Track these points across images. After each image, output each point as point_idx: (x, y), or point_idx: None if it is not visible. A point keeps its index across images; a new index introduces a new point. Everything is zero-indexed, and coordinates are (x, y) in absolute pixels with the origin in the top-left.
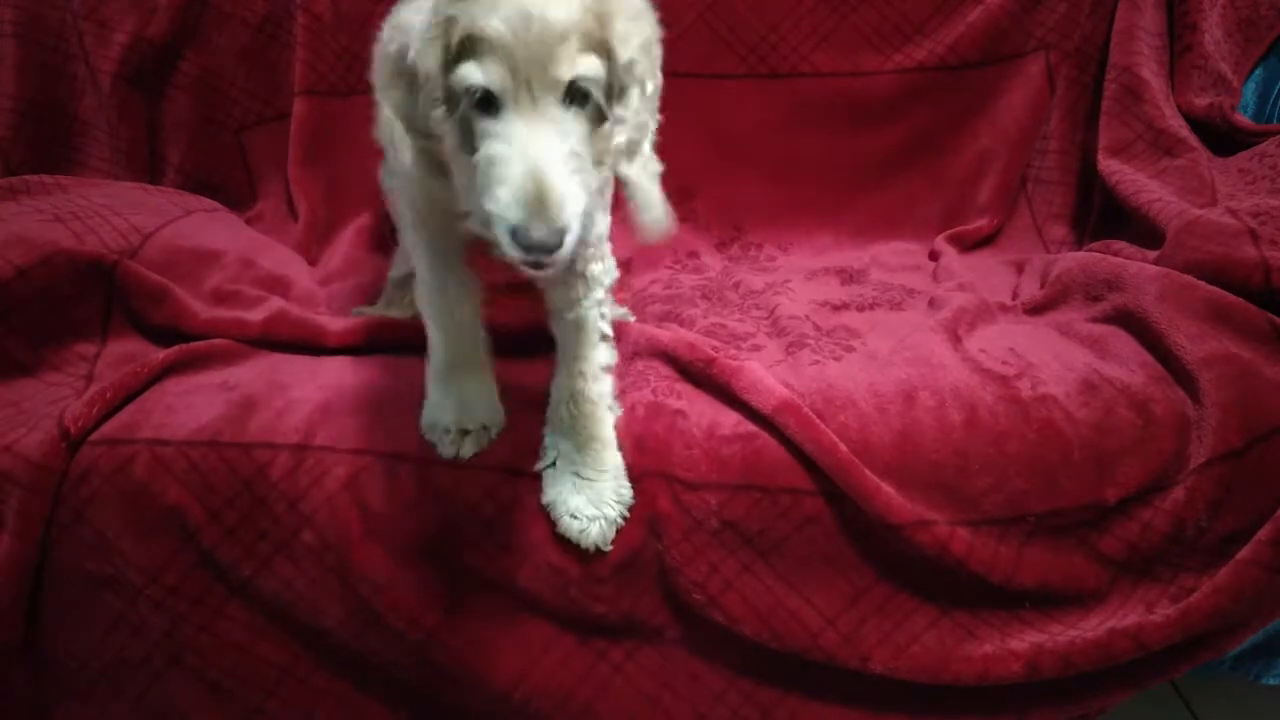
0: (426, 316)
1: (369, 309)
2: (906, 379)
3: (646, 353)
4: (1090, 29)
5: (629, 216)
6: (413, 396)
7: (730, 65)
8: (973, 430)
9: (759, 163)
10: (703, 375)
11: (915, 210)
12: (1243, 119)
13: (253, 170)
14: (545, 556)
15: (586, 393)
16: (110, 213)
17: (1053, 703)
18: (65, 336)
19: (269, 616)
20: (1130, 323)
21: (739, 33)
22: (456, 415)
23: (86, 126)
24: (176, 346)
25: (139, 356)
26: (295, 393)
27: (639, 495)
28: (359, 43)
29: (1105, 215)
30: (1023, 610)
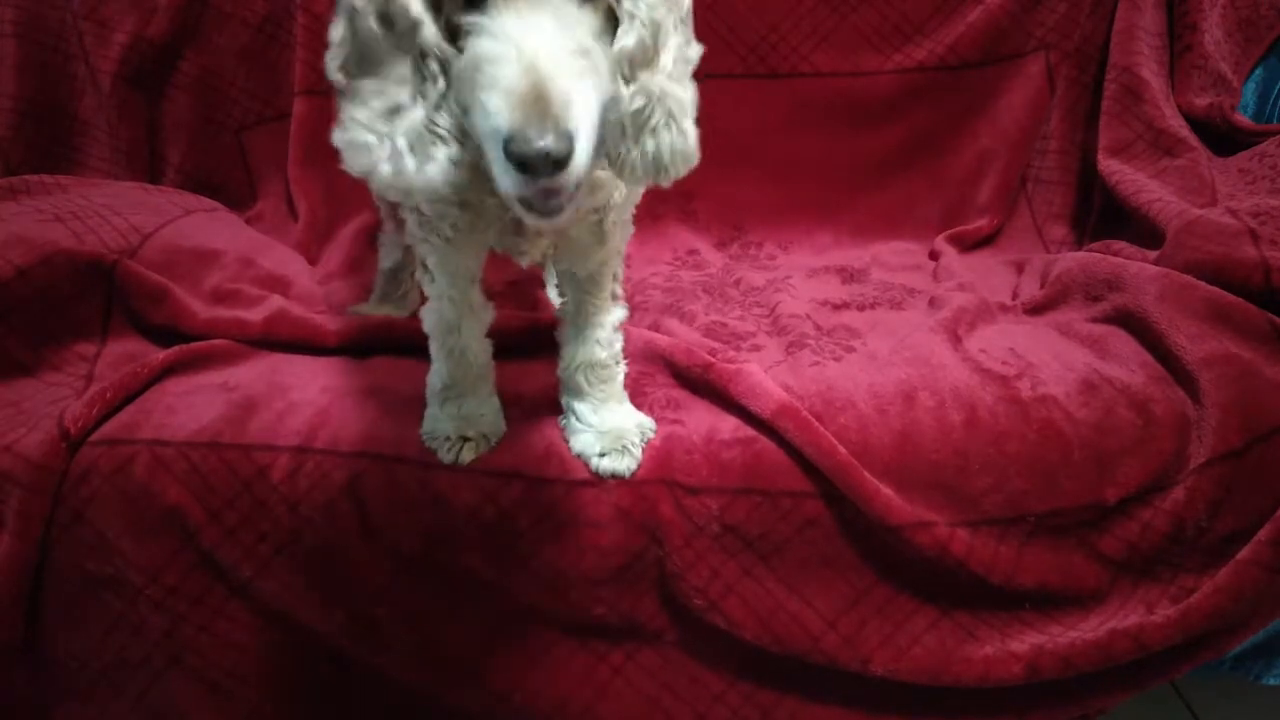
0: (431, 341)
1: (364, 306)
2: (906, 379)
3: (644, 358)
4: (1090, 29)
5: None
6: (413, 399)
7: (730, 65)
8: (973, 430)
9: (759, 163)
10: (700, 380)
11: (915, 210)
12: (1243, 119)
13: (253, 170)
14: (545, 560)
15: (602, 358)
16: (110, 212)
17: (1053, 703)
18: (65, 336)
19: (269, 618)
20: (1130, 323)
21: (739, 33)
22: (457, 426)
23: (86, 126)
24: (176, 346)
25: (139, 356)
26: (296, 394)
27: (640, 501)
28: None
29: (1105, 215)
30: (1023, 611)
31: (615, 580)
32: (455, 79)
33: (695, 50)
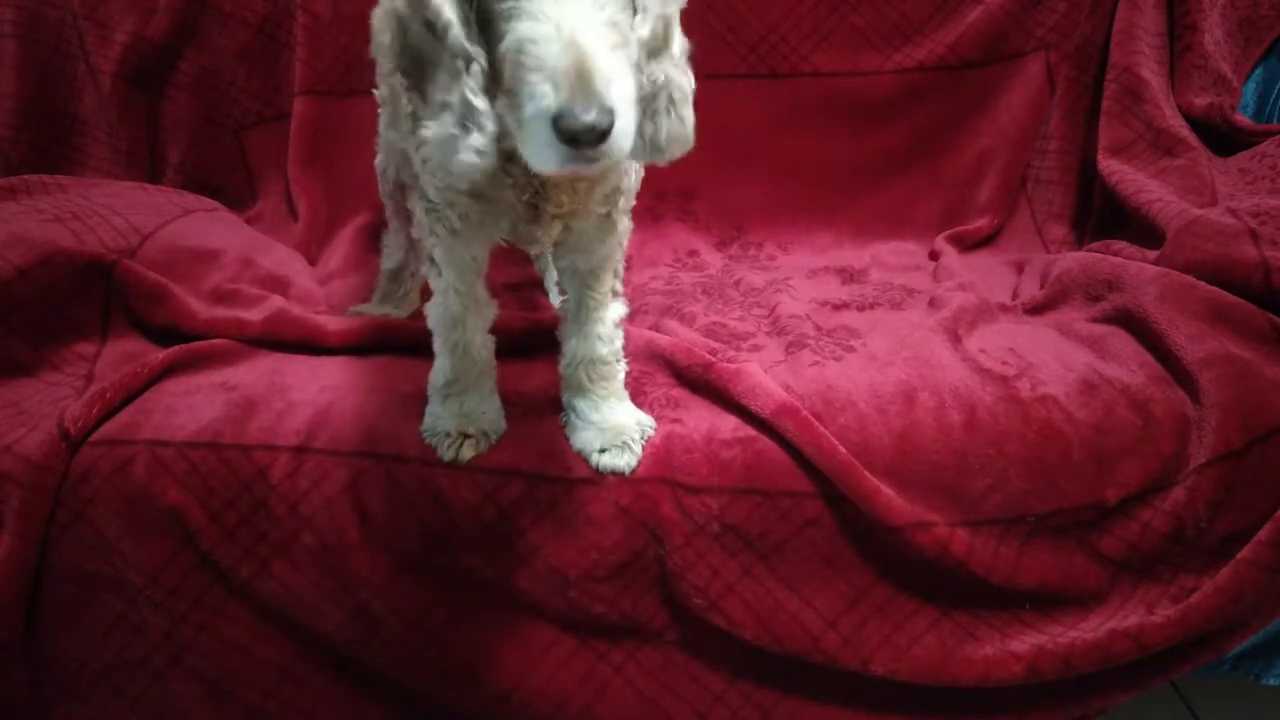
0: (435, 336)
1: (365, 307)
2: (906, 379)
3: (644, 358)
4: (1090, 29)
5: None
6: (414, 398)
7: (730, 65)
8: (973, 431)
9: (759, 163)
10: (701, 380)
11: (915, 210)
12: (1243, 119)
13: (253, 170)
14: (545, 558)
15: (603, 354)
16: (110, 212)
17: (1053, 703)
18: (65, 336)
19: (269, 618)
20: (1130, 323)
21: (739, 33)
22: (457, 423)
23: (86, 126)
24: (176, 346)
25: (139, 356)
26: (296, 394)
27: (640, 500)
28: (359, 43)
29: (1105, 215)
30: (1023, 611)
31: (615, 578)
32: (499, 62)
33: (686, 42)
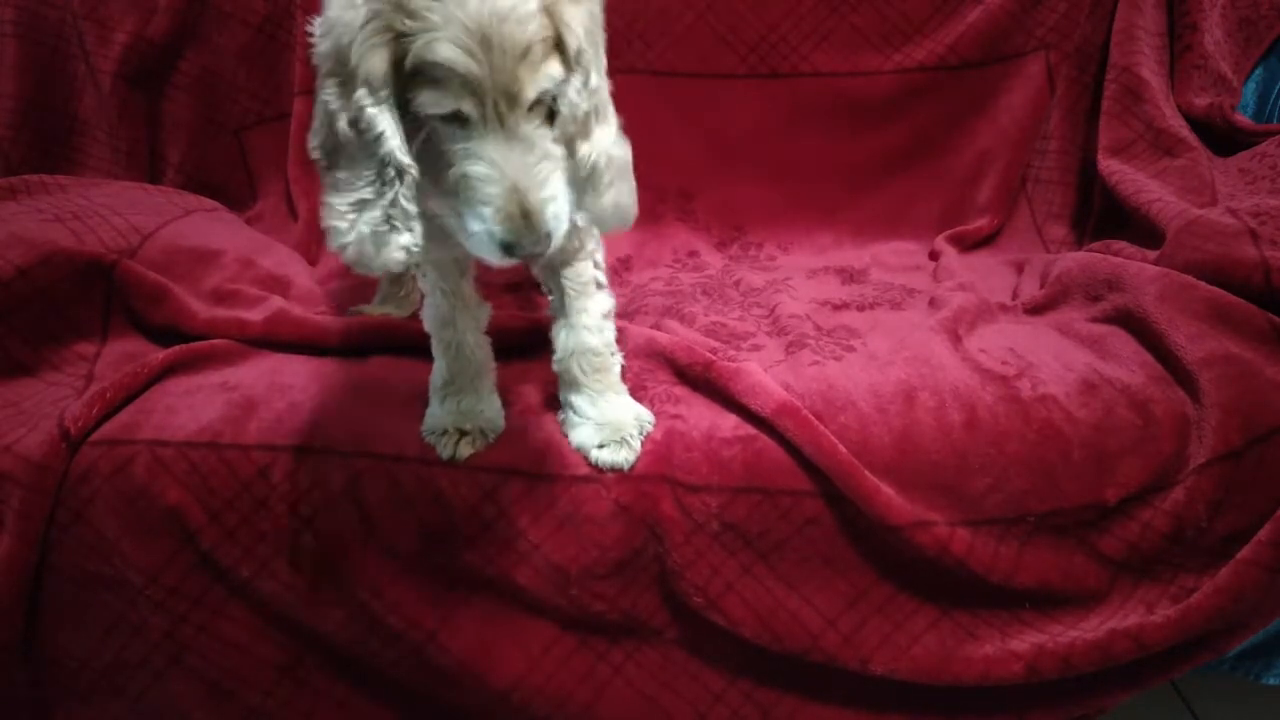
0: (432, 337)
1: (365, 307)
2: (906, 379)
3: (644, 356)
4: (1090, 29)
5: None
6: (413, 398)
7: (730, 65)
8: (973, 430)
9: (759, 163)
10: (701, 378)
11: (915, 210)
12: (1243, 119)
13: (253, 170)
14: (545, 556)
15: (593, 345)
16: (110, 212)
17: (1053, 703)
18: (65, 336)
19: (268, 617)
20: (1130, 323)
21: (739, 33)
22: (455, 421)
23: (86, 126)
24: (176, 346)
25: (139, 356)
26: (296, 394)
27: (640, 498)
28: None
29: (1105, 215)
30: (1023, 611)
31: (615, 576)
32: (449, 181)
33: (615, 118)
